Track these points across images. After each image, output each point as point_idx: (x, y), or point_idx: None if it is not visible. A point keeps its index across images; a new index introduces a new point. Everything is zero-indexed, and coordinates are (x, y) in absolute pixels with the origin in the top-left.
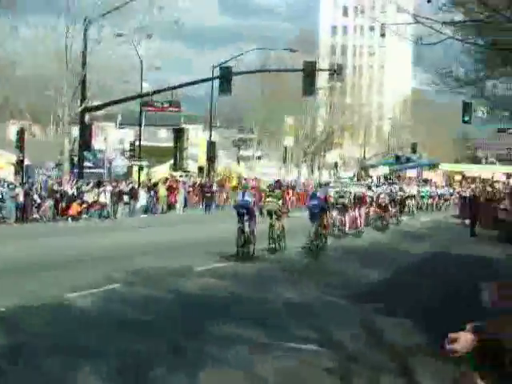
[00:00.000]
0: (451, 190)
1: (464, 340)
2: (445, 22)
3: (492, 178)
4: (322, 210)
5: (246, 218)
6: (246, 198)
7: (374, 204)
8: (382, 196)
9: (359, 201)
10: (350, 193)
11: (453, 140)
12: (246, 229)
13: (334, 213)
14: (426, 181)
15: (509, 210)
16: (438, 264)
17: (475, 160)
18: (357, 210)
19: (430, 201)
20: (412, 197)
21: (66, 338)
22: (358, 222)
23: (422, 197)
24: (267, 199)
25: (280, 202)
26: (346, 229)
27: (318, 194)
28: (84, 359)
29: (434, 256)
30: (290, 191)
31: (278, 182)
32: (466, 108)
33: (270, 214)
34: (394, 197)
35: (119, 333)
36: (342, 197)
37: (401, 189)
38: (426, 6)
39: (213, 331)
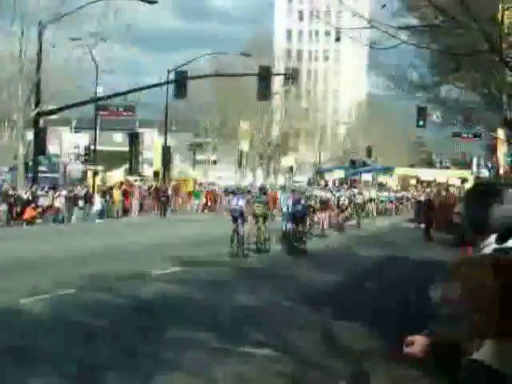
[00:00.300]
0: (409, 195)
1: (420, 343)
2: (399, 26)
3: (447, 181)
4: (304, 215)
5: (239, 220)
6: (240, 202)
7: (335, 207)
8: (342, 199)
9: (324, 204)
10: (316, 196)
11: (408, 144)
12: (240, 230)
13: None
14: (381, 185)
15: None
16: (393, 267)
17: (430, 164)
18: (322, 213)
19: (389, 205)
20: (372, 200)
21: (19, 342)
22: (325, 224)
23: (382, 201)
24: (255, 204)
25: (266, 207)
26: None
27: (302, 200)
28: (36, 364)
29: (389, 260)
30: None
31: (262, 189)
32: (421, 112)
33: (257, 217)
34: (354, 200)
35: (73, 338)
36: (310, 200)
37: (360, 193)
38: (382, 12)
39: (168, 336)
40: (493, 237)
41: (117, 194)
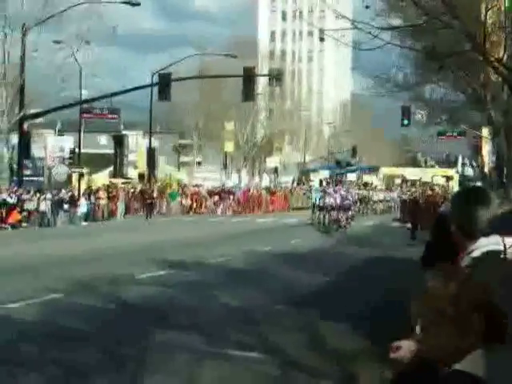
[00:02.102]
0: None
1: (407, 349)
2: (382, 27)
3: (431, 180)
4: (350, 206)
5: (325, 211)
6: (331, 200)
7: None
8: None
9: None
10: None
11: (392, 143)
12: (326, 218)
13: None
14: (366, 184)
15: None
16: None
17: (415, 163)
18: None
19: (392, 204)
20: (381, 201)
21: (5, 348)
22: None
23: (387, 201)
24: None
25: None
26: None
27: (350, 197)
28: (23, 370)
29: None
30: (231, 197)
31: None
32: (405, 112)
33: (322, 209)
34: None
35: (59, 343)
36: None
37: (370, 189)
38: (365, 12)
39: (154, 339)
40: (481, 240)
41: (102, 197)
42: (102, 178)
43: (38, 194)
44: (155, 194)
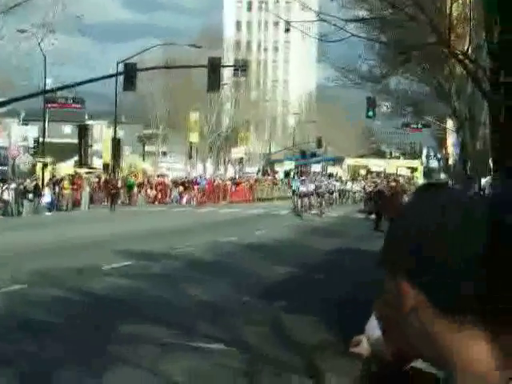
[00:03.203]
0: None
1: (366, 343)
2: (347, 19)
3: (396, 172)
4: (324, 194)
5: (307, 198)
6: (311, 187)
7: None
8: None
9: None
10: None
11: (357, 135)
12: (300, 204)
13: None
14: (330, 175)
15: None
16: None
17: (380, 154)
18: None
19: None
20: (356, 192)
21: None
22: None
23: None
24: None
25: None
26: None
27: (323, 186)
28: None
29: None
30: (195, 187)
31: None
32: (370, 103)
33: (301, 196)
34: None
35: (23, 335)
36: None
37: (344, 182)
38: (331, 4)
39: (120, 331)
40: None
41: (66, 187)
42: (66, 167)
43: (1, 184)
44: (119, 184)
